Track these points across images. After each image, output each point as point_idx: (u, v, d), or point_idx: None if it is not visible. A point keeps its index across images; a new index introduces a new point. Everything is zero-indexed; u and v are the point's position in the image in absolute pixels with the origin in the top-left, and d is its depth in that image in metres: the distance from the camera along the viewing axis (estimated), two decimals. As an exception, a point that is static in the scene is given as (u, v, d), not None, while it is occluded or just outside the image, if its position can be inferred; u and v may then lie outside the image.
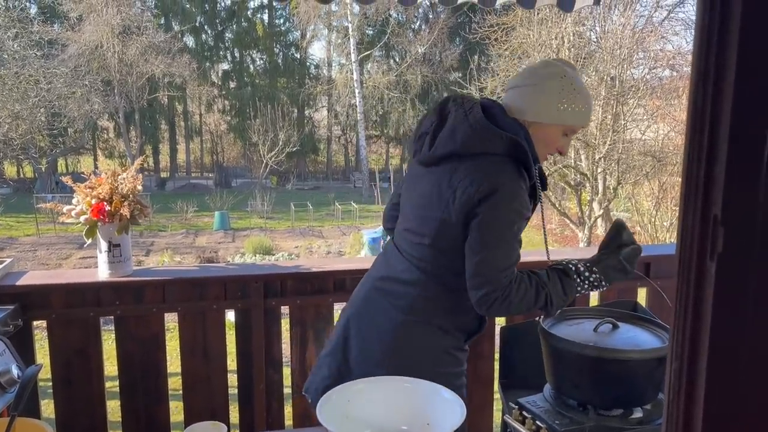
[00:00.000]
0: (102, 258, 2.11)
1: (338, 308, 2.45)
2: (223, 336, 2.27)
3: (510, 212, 1.49)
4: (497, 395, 2.52)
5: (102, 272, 2.13)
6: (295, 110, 29.08)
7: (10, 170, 27.56)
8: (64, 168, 30.17)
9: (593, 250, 1.69)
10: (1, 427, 1.25)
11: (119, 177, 2.10)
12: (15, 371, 1.63)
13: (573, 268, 1.57)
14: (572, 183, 15.09)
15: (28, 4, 23.83)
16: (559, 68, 1.58)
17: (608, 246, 1.61)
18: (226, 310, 2.27)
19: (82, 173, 2.15)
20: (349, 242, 17.18)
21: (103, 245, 2.09)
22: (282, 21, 31.32)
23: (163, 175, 31.27)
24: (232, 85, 30.55)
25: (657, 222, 14.46)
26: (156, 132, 30.05)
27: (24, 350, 2.10)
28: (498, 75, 15.34)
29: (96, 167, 30.33)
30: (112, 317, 2.18)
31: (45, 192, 22.67)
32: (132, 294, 2.17)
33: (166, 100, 28.83)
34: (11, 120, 11.48)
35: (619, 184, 14.59)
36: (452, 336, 1.65)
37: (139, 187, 2.14)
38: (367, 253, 15.86)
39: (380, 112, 29.33)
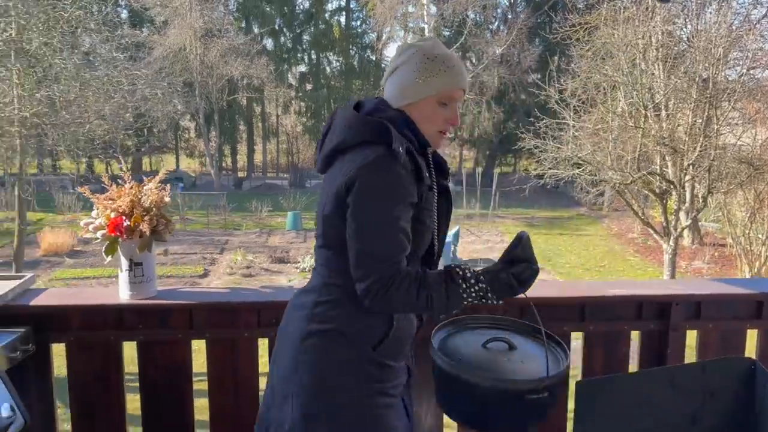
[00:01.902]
0: (123, 277, 1.90)
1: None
2: (256, 367, 2.03)
3: (380, 197, 1.42)
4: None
5: (123, 292, 1.93)
6: (370, 112, 29.00)
7: (99, 168, 28.94)
8: (149, 166, 31.39)
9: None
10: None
11: (145, 188, 1.90)
12: (5, 412, 1.43)
13: (460, 273, 1.46)
14: (657, 191, 14.21)
15: (118, 9, 24.95)
16: (412, 46, 1.56)
17: (503, 258, 1.49)
18: (259, 339, 2.03)
19: (99, 182, 1.95)
20: (420, 247, 16.88)
21: (124, 263, 1.89)
22: (359, 23, 31.40)
23: (240, 174, 31.99)
24: (308, 86, 30.87)
25: (752, 234, 13.40)
26: (234, 132, 30.77)
27: (41, 377, 1.93)
28: (579, 76, 14.64)
29: (178, 166, 31.42)
30: (135, 342, 1.98)
31: (129, 189, 23.59)
32: (156, 317, 1.97)
33: (245, 101, 29.46)
34: (98, 120, 11.88)
35: (709, 192, 13.62)
36: (354, 344, 1.51)
37: (167, 199, 1.92)
38: (438, 258, 15.52)
39: (454, 114, 28.84)
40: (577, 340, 2.20)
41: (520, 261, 1.46)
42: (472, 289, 1.44)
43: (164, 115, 21.80)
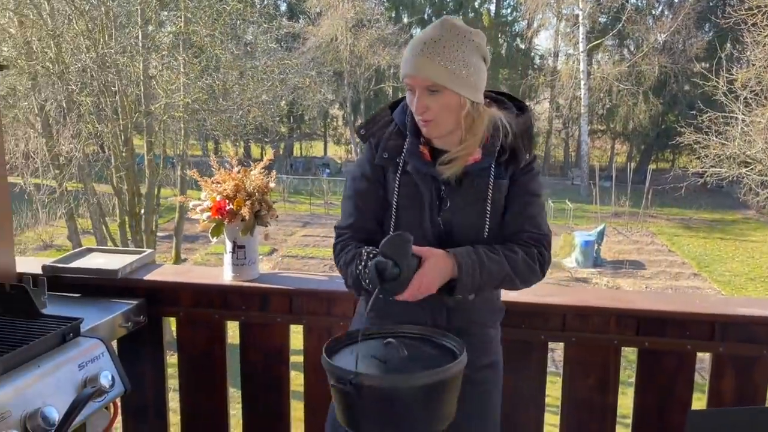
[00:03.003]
0: (227, 259, 1.98)
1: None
2: (351, 357, 2.02)
3: (349, 172, 1.62)
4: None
5: (227, 274, 2.00)
6: (516, 102, 28.28)
7: (255, 151, 30.94)
8: (299, 152, 33.03)
9: None
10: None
11: (252, 173, 1.94)
12: (104, 380, 1.53)
13: (366, 251, 1.45)
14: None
15: (278, 1, 26.43)
16: None
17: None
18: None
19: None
20: (559, 243, 16.21)
21: (228, 245, 1.96)
22: (509, 11, 30.65)
23: (384, 162, 32.63)
24: (454, 76, 30.75)
25: None
26: (388, 121, 31.42)
27: (152, 347, 2.07)
28: (753, 65, 13.18)
29: (325, 152, 32.79)
30: (237, 322, 2.05)
31: (281, 173, 25.06)
32: (258, 300, 2.02)
33: (390, 91, 29.97)
34: (252, 107, 12.72)
35: None
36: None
37: (272, 185, 1.96)
38: (578, 257, 14.79)
39: (607, 105, 27.23)
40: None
41: (386, 257, 1.35)
42: (359, 267, 1.44)
43: (315, 104, 22.81)
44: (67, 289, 2.00)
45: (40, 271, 2.00)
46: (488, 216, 1.51)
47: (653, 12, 26.99)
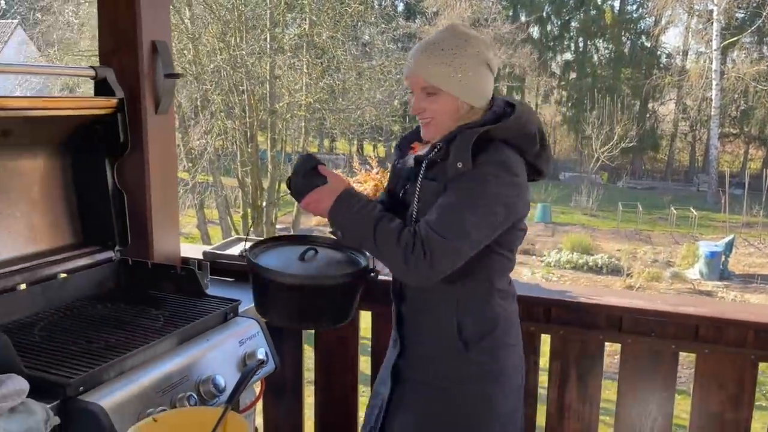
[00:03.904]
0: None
1: (610, 348, 2.07)
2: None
3: None
4: None
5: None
6: (637, 103, 26.94)
7: (368, 149, 31.63)
8: (410, 150, 33.34)
9: None
10: (215, 417, 1.28)
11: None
12: (261, 357, 1.70)
13: None
14: None
15: (396, 2, 26.80)
16: None
17: None
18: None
19: (366, 162, 2.16)
20: (681, 253, 15.32)
21: (366, 241, 2.09)
22: (634, 7, 29.24)
23: (495, 162, 32.18)
24: (572, 75, 29.77)
25: None
26: (492, 121, 31.06)
27: (294, 331, 2.25)
28: None
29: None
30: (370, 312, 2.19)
31: (391, 171, 25.42)
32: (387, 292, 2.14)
33: (505, 90, 29.55)
34: (369, 106, 13.04)
35: None
36: None
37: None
38: (702, 268, 13.90)
39: (742, 107, 25.31)
40: None
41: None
42: None
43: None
44: (221, 274, 2.22)
45: (198, 257, 2.24)
46: (414, 212, 1.56)
47: (799, 6, 24.78)
